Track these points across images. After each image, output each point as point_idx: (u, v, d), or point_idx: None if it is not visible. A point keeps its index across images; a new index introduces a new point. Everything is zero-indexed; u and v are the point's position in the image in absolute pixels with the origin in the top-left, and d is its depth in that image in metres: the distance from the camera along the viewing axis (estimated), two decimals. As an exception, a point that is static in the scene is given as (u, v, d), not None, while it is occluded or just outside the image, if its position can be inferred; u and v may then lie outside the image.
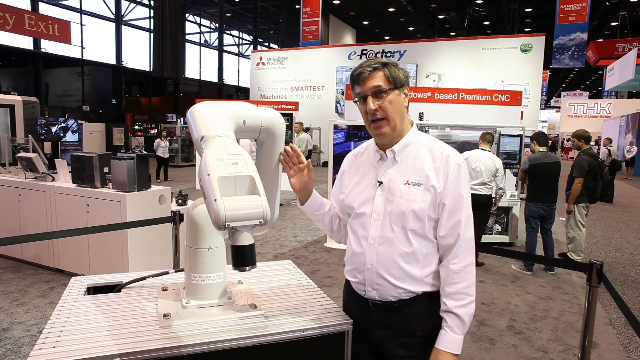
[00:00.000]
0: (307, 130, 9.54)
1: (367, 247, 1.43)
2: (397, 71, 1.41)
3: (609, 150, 14.94)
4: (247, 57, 27.47)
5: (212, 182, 1.11)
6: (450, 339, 1.35)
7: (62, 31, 15.78)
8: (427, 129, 6.16)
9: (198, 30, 27.59)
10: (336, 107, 18.60)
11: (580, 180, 5.13)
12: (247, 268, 1.18)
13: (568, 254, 5.46)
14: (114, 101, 23.14)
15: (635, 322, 1.84)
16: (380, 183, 1.44)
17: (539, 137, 5.44)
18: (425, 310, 1.41)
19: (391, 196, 1.40)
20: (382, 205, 1.42)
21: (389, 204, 1.40)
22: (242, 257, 1.17)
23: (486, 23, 28.69)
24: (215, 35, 28.59)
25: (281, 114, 1.64)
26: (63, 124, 9.40)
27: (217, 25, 28.51)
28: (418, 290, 1.40)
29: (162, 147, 12.27)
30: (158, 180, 12.13)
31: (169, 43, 21.34)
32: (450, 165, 1.38)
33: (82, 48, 19.86)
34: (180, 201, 4.66)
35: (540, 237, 5.33)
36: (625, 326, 3.78)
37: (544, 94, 27.98)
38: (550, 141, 23.97)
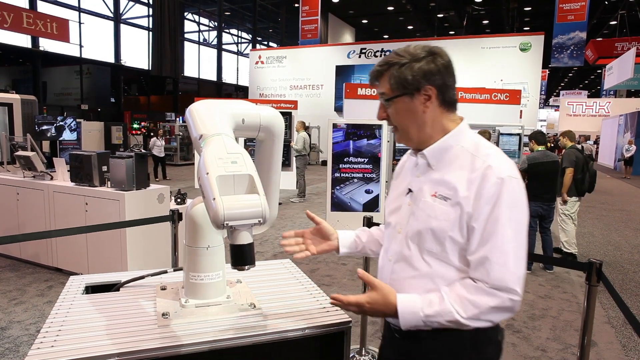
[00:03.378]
0: (306, 128, 9.53)
1: (385, 263, 1.28)
2: (408, 71, 1.15)
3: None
4: (246, 55, 27.41)
5: (211, 180, 1.10)
6: (410, 302, 1.13)
7: (60, 29, 15.74)
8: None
9: (197, 29, 27.54)
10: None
11: (571, 170, 5.33)
12: (246, 267, 1.17)
13: (562, 248, 5.57)
14: (112, 100, 23.10)
15: (634, 321, 1.84)
16: (410, 191, 1.25)
17: (538, 136, 5.46)
18: (450, 348, 1.17)
19: (416, 208, 1.21)
20: (406, 218, 1.23)
21: (412, 216, 1.21)
22: (241, 256, 1.16)
23: (485, 22, 28.68)
24: (214, 33, 28.54)
25: (280, 112, 1.62)
26: (60, 123, 9.38)
27: (216, 23, 28.46)
28: None
29: (158, 146, 12.27)
30: (157, 179, 12.11)
31: (167, 41, 21.30)
32: (489, 178, 1.09)
33: (81, 46, 19.80)
34: (179, 200, 4.66)
35: (539, 236, 5.35)
36: (624, 325, 3.79)
37: (542, 92, 27.98)
38: (552, 138, 24.04)
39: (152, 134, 13.87)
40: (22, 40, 17.62)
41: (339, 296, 1.17)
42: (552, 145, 19.74)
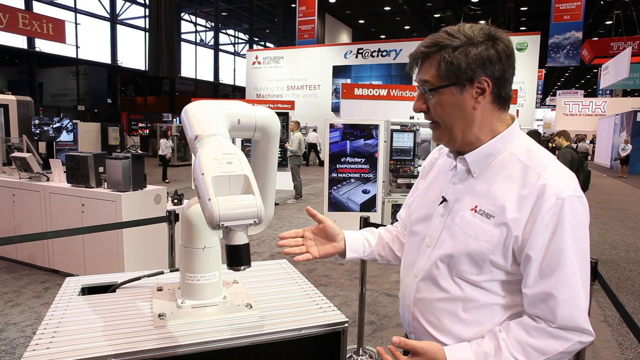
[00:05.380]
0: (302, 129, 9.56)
1: (410, 279, 1.13)
2: (463, 57, 0.94)
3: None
4: (243, 56, 27.43)
5: (206, 181, 1.10)
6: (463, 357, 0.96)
7: (56, 30, 15.70)
8: (418, 128, 6.13)
9: (194, 29, 27.51)
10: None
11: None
12: (242, 268, 1.17)
13: None
14: (109, 101, 23.05)
15: (630, 320, 1.85)
16: (444, 200, 1.07)
17: (534, 136, 5.51)
18: None
19: (451, 222, 1.04)
20: (438, 231, 1.06)
21: (446, 231, 1.04)
22: (237, 257, 1.16)
23: (482, 22, 28.76)
24: (211, 34, 28.53)
25: (277, 113, 1.62)
26: (57, 124, 9.35)
27: (212, 24, 28.44)
28: None
29: (166, 147, 12.32)
30: (167, 181, 11.95)
31: (164, 42, 21.27)
32: (547, 199, 0.91)
33: (77, 47, 19.76)
34: (175, 201, 4.65)
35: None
36: (620, 323, 3.80)
37: (539, 92, 28.11)
38: (549, 137, 24.33)
39: (162, 133, 13.77)
40: (18, 41, 17.57)
41: None
42: (553, 146, 19.83)
